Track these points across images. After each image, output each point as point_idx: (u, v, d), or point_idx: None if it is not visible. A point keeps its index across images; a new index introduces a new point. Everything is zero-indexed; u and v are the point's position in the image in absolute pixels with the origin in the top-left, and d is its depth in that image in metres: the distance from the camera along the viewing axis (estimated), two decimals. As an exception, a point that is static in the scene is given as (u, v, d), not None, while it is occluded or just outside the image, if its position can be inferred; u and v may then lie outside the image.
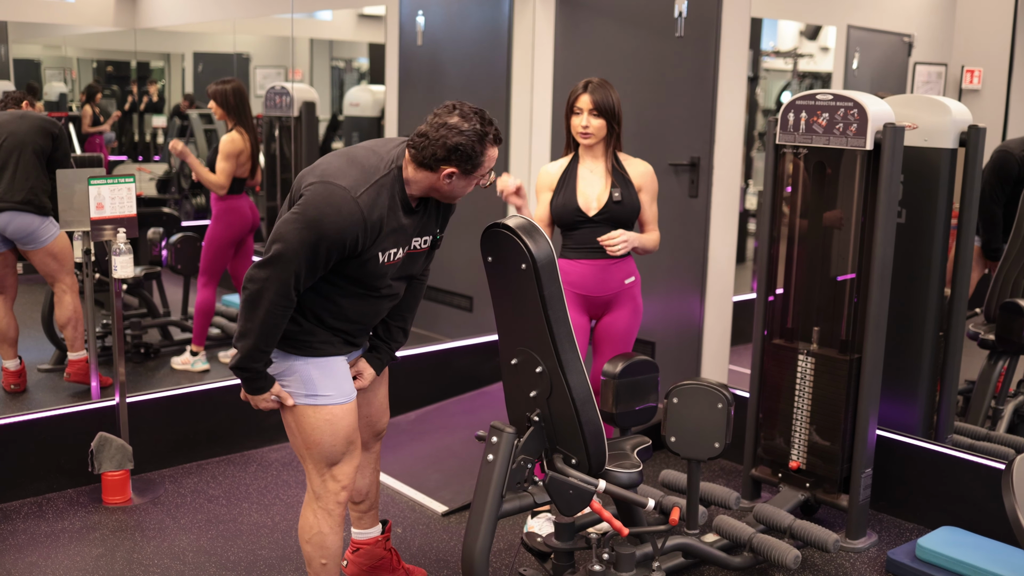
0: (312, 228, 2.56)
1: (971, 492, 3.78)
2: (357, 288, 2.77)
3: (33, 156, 4.65)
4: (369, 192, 2.61)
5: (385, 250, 2.70)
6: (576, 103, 3.64)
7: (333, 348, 2.83)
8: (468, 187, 2.73)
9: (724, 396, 3.27)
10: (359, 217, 2.58)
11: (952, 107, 3.84)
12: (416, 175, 2.68)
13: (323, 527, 2.90)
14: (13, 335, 4.86)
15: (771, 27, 6.11)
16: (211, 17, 7.20)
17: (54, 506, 4.01)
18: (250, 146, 5.23)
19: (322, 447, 2.84)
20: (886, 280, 3.65)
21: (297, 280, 2.60)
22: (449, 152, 2.61)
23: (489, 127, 2.65)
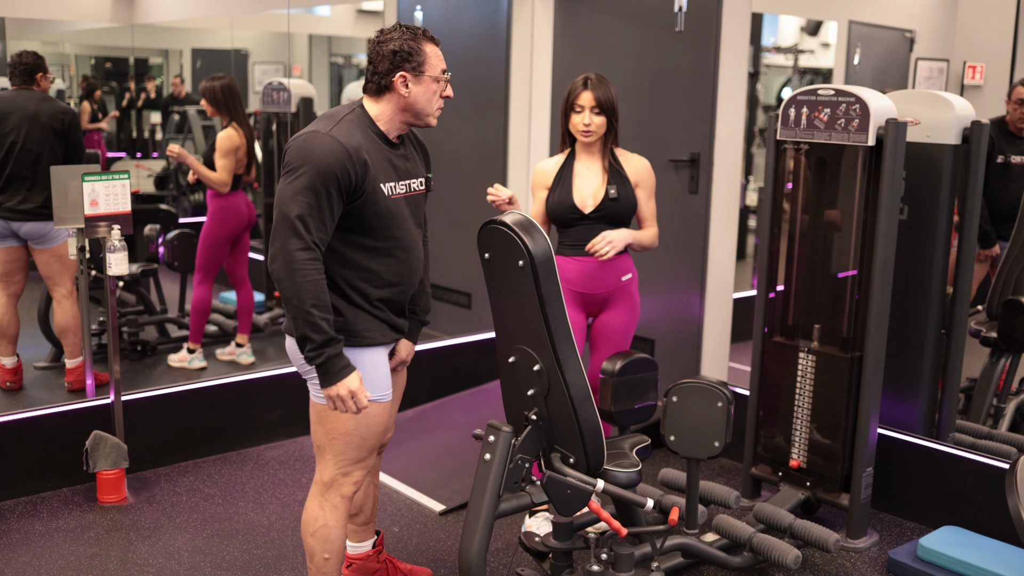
0: (301, 174, 2.58)
1: (973, 491, 3.75)
2: (382, 240, 2.74)
3: (51, 159, 4.64)
4: (339, 127, 2.65)
5: (384, 182, 2.71)
6: (577, 100, 3.59)
7: (379, 335, 2.79)
8: (430, 95, 2.74)
9: (724, 394, 3.24)
10: (338, 146, 2.60)
11: (955, 103, 3.80)
12: (379, 106, 2.75)
13: (329, 520, 2.86)
14: (14, 332, 4.84)
15: (771, 23, 6.09)
16: (208, 13, 7.18)
17: (48, 505, 3.98)
18: (246, 142, 5.21)
19: (349, 440, 2.80)
20: (888, 277, 3.62)
21: (306, 226, 2.57)
22: (390, 60, 2.69)
23: (416, 28, 2.73)
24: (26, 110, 4.63)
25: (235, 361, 5.45)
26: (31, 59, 4.74)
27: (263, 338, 5.85)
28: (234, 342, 5.52)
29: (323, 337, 2.58)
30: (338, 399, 2.65)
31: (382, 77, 2.71)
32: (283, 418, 4.70)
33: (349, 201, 2.65)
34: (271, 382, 4.68)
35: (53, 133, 4.67)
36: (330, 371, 2.62)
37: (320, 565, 2.89)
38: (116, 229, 3.97)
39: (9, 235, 4.68)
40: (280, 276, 2.59)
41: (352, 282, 2.74)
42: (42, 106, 4.67)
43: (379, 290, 2.78)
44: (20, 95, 4.70)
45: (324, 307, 2.59)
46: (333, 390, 2.64)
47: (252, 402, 4.64)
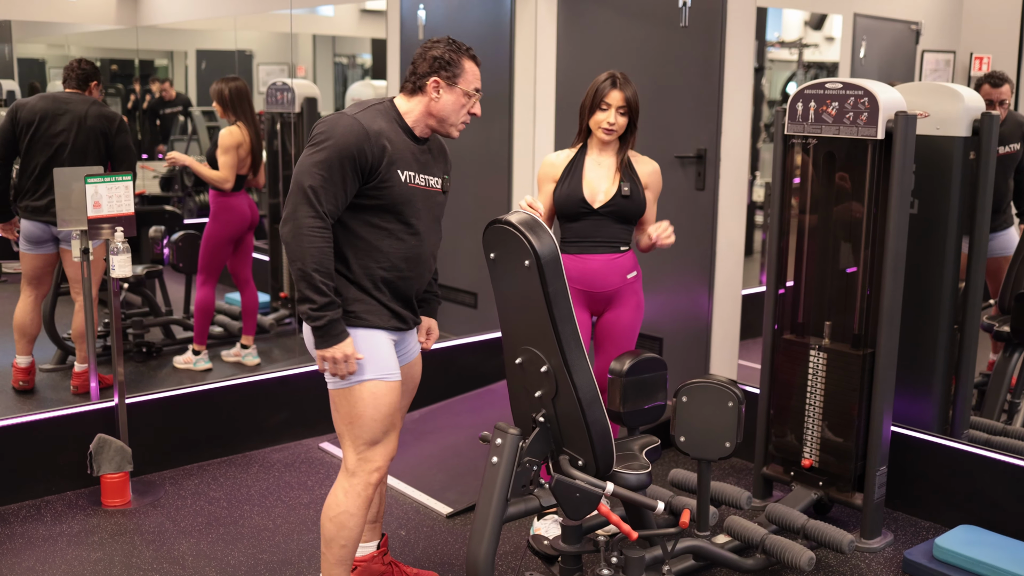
0: (320, 147, 2.73)
1: (989, 489, 3.70)
2: (393, 223, 2.84)
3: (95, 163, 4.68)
4: (365, 112, 2.82)
5: (403, 169, 2.82)
6: (605, 98, 3.53)
7: (377, 319, 2.86)
8: (458, 106, 2.90)
9: (734, 394, 3.19)
10: (359, 127, 2.74)
11: (964, 94, 3.75)
12: (410, 104, 2.91)
13: (350, 506, 2.89)
14: (34, 332, 4.88)
15: (776, 17, 6.04)
16: (211, 13, 7.15)
17: (52, 509, 3.95)
18: (250, 141, 5.19)
19: (363, 422, 2.86)
20: (899, 272, 3.57)
21: (318, 197, 2.70)
22: (430, 64, 2.86)
23: (463, 45, 2.92)
24: (76, 112, 4.69)
25: (240, 362, 5.42)
26: (88, 67, 4.85)
27: (269, 339, 5.82)
28: (239, 343, 5.49)
29: (324, 299, 2.71)
30: (332, 360, 2.76)
31: (419, 78, 2.88)
32: (289, 420, 4.66)
33: (365, 181, 2.77)
34: (277, 383, 4.65)
35: (99, 136, 4.72)
36: (328, 333, 2.74)
37: (336, 552, 2.92)
38: (119, 231, 3.94)
39: (48, 240, 4.71)
40: (288, 240, 2.72)
41: (358, 260, 2.83)
42: (91, 109, 4.73)
43: (385, 272, 2.85)
44: (73, 97, 4.75)
45: (327, 273, 2.72)
46: (328, 352, 2.75)
47: (257, 404, 4.60)
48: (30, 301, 4.83)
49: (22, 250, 4.76)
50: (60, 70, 6.96)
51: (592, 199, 3.56)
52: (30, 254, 4.75)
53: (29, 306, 4.83)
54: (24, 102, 4.68)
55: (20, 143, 4.65)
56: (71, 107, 4.69)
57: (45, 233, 4.68)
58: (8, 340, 4.96)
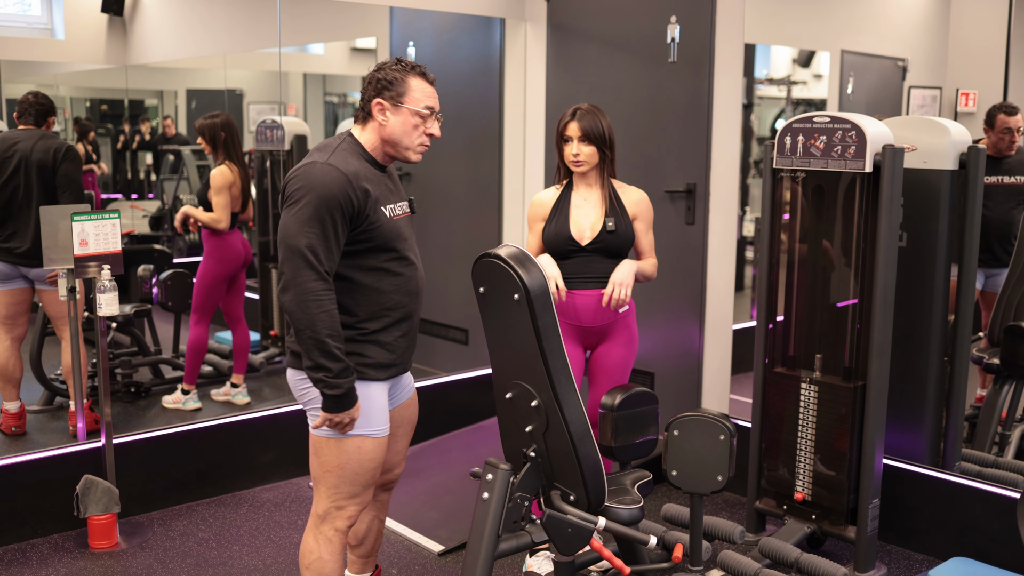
0: (303, 203, 2.60)
1: (982, 521, 3.68)
2: (389, 261, 2.76)
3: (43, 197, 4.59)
4: (335, 156, 2.69)
5: (385, 204, 2.75)
6: (565, 131, 3.57)
7: (375, 372, 2.77)
8: (409, 127, 2.75)
9: (726, 427, 3.17)
10: (338, 173, 2.63)
11: (951, 128, 3.78)
12: (365, 133, 2.79)
13: (323, 553, 2.85)
14: (18, 375, 4.80)
15: (764, 55, 6.10)
16: (200, 52, 7.18)
17: (38, 552, 3.90)
18: (240, 179, 5.19)
19: (345, 475, 2.80)
20: (889, 305, 3.58)
21: (317, 256, 2.58)
22: (374, 86, 2.74)
23: (409, 63, 2.77)
24: (24, 150, 4.60)
25: (230, 401, 5.39)
26: (47, 101, 4.74)
27: (259, 378, 5.79)
28: (229, 382, 5.46)
29: (340, 366, 2.61)
30: (339, 425, 2.68)
31: (365, 104, 2.77)
32: (279, 459, 4.63)
33: (354, 226, 2.67)
34: (266, 422, 4.62)
35: (44, 169, 4.60)
36: (344, 400, 2.65)
37: None
38: (106, 269, 3.92)
39: (17, 276, 4.65)
40: (292, 308, 2.60)
41: (363, 307, 2.75)
42: (37, 144, 4.61)
43: (391, 311, 2.78)
44: (21, 135, 4.66)
45: (339, 336, 2.62)
46: (337, 416, 2.67)
47: (247, 443, 4.57)
48: (7, 344, 4.72)
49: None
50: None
51: (580, 237, 3.56)
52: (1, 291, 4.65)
53: (8, 350, 4.72)
54: None
55: None
56: (20, 147, 4.59)
57: (14, 271, 4.62)
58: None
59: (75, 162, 4.69)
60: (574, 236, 3.56)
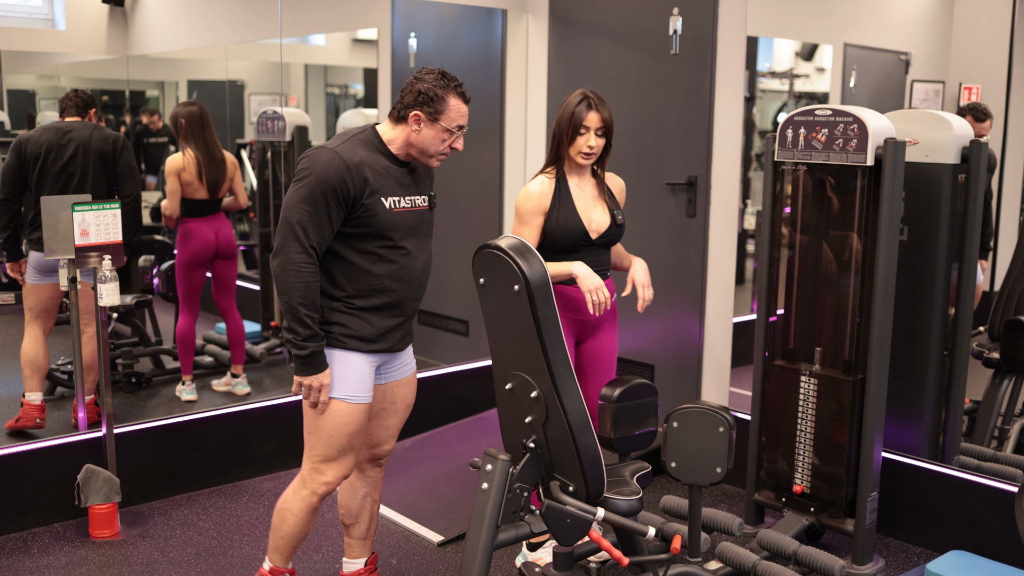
0: (303, 183, 2.81)
1: (980, 515, 3.69)
2: (384, 248, 2.91)
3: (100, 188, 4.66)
4: (345, 144, 2.89)
5: (386, 196, 2.90)
6: (584, 121, 3.42)
7: (360, 344, 2.94)
8: (438, 140, 2.93)
9: (725, 419, 3.18)
10: (339, 160, 2.82)
11: (953, 122, 3.78)
12: (394, 132, 2.95)
13: (294, 507, 3.05)
14: (46, 367, 4.80)
15: (767, 48, 6.08)
16: (201, 43, 7.17)
17: (39, 541, 3.91)
18: (196, 166, 5.12)
19: (320, 436, 2.98)
20: (889, 298, 3.58)
21: (305, 232, 2.79)
22: (415, 97, 2.89)
23: (452, 80, 2.93)
24: (80, 140, 4.67)
25: (231, 392, 5.40)
26: (86, 95, 4.86)
27: (260, 368, 5.80)
28: (230, 372, 5.47)
29: (308, 332, 2.84)
30: (308, 388, 2.89)
31: (403, 109, 2.93)
32: (279, 449, 4.63)
33: (349, 211, 2.85)
34: (266, 413, 4.62)
35: (104, 159, 4.71)
36: (310, 363, 2.87)
37: (274, 540, 3.12)
38: (107, 259, 3.93)
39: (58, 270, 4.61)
40: (277, 273, 2.84)
41: (352, 284, 2.92)
42: (94, 134, 4.71)
43: (379, 292, 2.94)
44: (75, 125, 4.73)
45: (312, 306, 2.84)
46: (307, 379, 2.88)
47: (247, 433, 4.58)
48: (39, 335, 4.73)
49: (31, 282, 4.67)
50: (51, 101, 6.98)
51: (591, 230, 3.50)
52: (40, 284, 4.66)
53: (39, 341, 4.73)
54: (28, 136, 4.64)
55: (29, 178, 4.61)
56: (74, 135, 4.68)
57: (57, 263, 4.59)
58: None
59: (131, 152, 4.87)
60: (587, 230, 3.49)
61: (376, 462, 3.24)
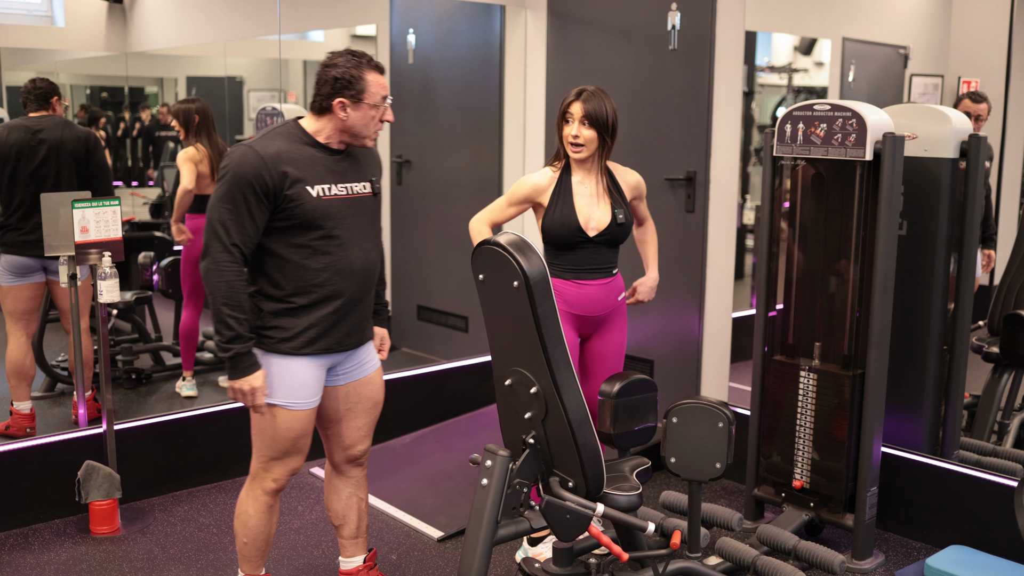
0: (222, 181, 2.80)
1: (980, 510, 3.69)
2: (317, 238, 2.86)
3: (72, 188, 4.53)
4: (263, 139, 2.85)
5: (312, 184, 2.84)
6: (567, 110, 3.49)
7: (297, 346, 2.89)
8: (368, 119, 2.89)
9: (725, 415, 3.19)
10: (255, 154, 2.78)
11: (952, 116, 3.77)
12: (319, 124, 2.91)
13: (249, 507, 3.06)
14: (32, 374, 4.70)
15: (765, 42, 6.08)
16: (200, 40, 7.17)
17: (40, 537, 3.92)
18: (208, 160, 5.14)
19: (264, 439, 2.99)
20: (888, 293, 3.58)
21: (226, 230, 2.77)
22: (332, 85, 2.84)
23: (362, 56, 2.88)
24: (52, 140, 4.53)
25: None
26: (44, 84, 4.67)
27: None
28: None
29: (232, 334, 2.80)
30: (239, 392, 2.85)
31: (323, 99, 2.87)
32: (279, 445, 4.63)
33: (274, 204, 2.81)
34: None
35: (77, 160, 4.59)
36: (236, 366, 2.82)
37: (240, 548, 3.11)
38: (107, 256, 3.93)
39: (37, 270, 4.56)
40: (203, 274, 2.82)
41: (289, 282, 2.88)
42: (65, 133, 4.58)
43: (318, 288, 2.88)
44: (44, 122, 4.58)
45: (236, 306, 2.80)
46: (237, 383, 2.84)
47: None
48: (23, 340, 4.61)
49: (5, 284, 4.55)
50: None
51: (587, 228, 3.51)
52: (17, 286, 4.55)
53: (23, 347, 4.61)
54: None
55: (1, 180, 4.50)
56: (46, 135, 4.52)
57: (36, 263, 4.53)
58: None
59: (103, 151, 4.76)
60: (583, 227, 3.49)
61: (355, 462, 3.21)
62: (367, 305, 3.05)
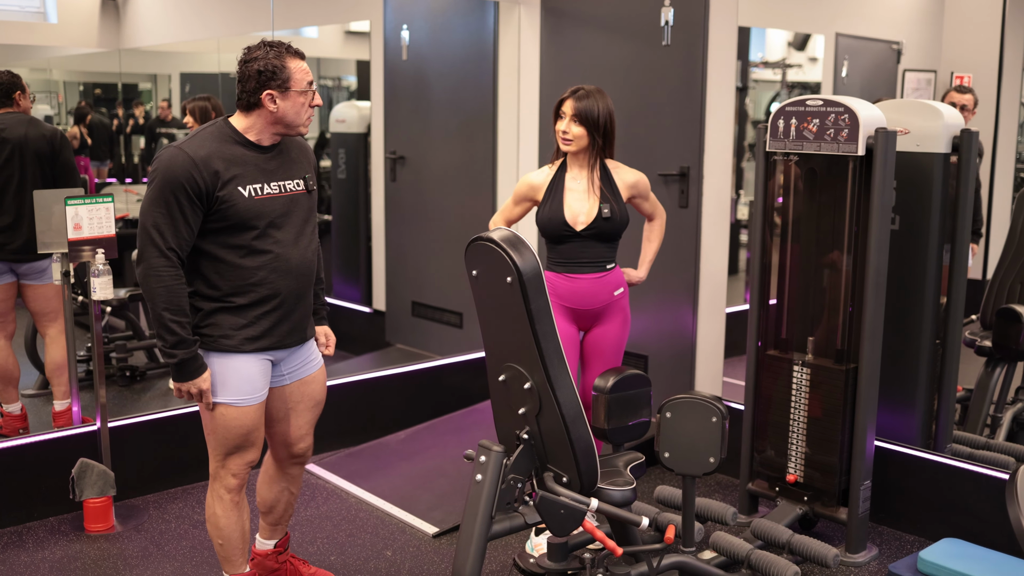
0: (153, 185, 2.77)
1: (973, 502, 3.71)
2: (253, 238, 2.85)
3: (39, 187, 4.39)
4: (193, 140, 2.83)
5: (244, 184, 2.84)
6: (561, 106, 3.58)
7: (235, 343, 2.89)
8: (298, 107, 2.88)
9: (718, 409, 3.19)
10: (185, 157, 2.76)
11: (944, 111, 3.78)
12: (248, 120, 2.89)
13: (216, 509, 3.07)
14: (16, 375, 4.62)
15: (759, 38, 6.09)
16: (193, 36, 7.16)
17: (34, 535, 3.92)
18: None
19: (216, 436, 3.00)
20: (881, 288, 3.59)
21: (162, 235, 2.75)
22: (257, 79, 2.82)
23: (279, 45, 2.87)
24: (15, 139, 4.40)
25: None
26: (6, 77, 4.50)
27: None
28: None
29: (175, 339, 2.79)
30: (187, 394, 2.88)
31: (250, 95, 2.85)
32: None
33: (207, 206, 2.80)
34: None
35: (43, 159, 4.45)
36: (182, 370, 2.83)
37: (217, 550, 3.13)
38: (100, 253, 3.92)
39: (6, 272, 4.47)
40: (140, 280, 2.81)
41: (226, 282, 2.88)
42: (30, 132, 4.43)
43: (254, 287, 2.88)
44: (6, 120, 4.44)
45: (177, 310, 2.79)
46: (184, 385, 2.87)
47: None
48: (1, 343, 4.54)
49: None
50: (43, 94, 6.95)
51: (574, 222, 3.55)
52: None
53: (3, 349, 4.54)
54: None
55: None
56: (8, 134, 4.38)
57: (2, 266, 4.43)
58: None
59: (71, 150, 4.61)
60: (568, 221, 3.55)
61: (296, 460, 3.26)
62: (307, 303, 3.06)
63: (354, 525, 4.03)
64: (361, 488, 4.36)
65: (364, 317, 6.26)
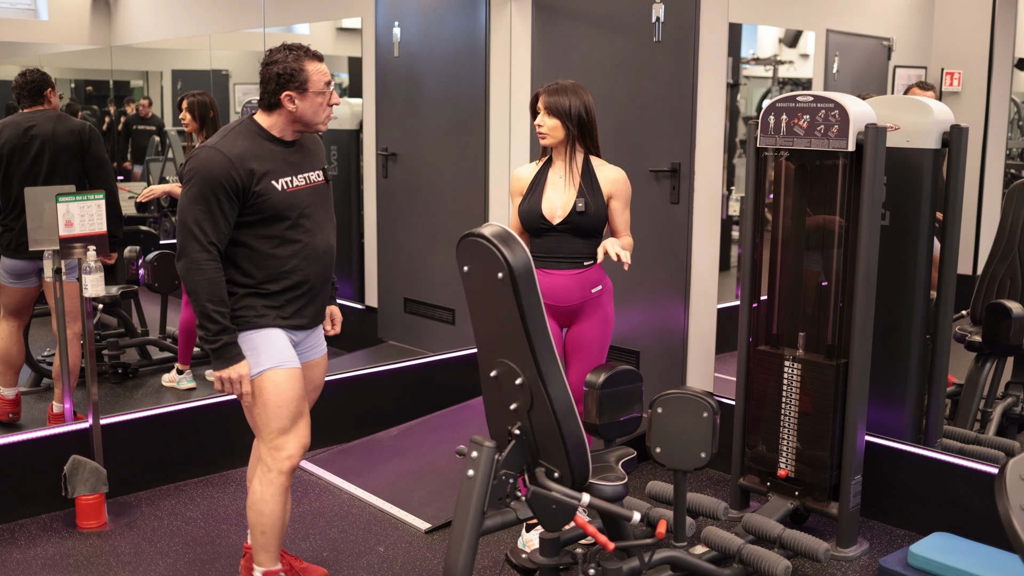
0: (192, 184, 2.92)
1: (963, 497, 3.72)
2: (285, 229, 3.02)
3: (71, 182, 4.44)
4: (225, 139, 2.99)
5: (277, 178, 3.00)
6: (535, 103, 3.65)
7: (269, 320, 3.04)
8: (316, 107, 3.04)
9: (709, 405, 3.20)
10: (221, 156, 2.92)
11: (934, 107, 3.79)
12: (271, 119, 3.05)
13: (265, 494, 3.11)
14: (20, 362, 4.76)
15: (751, 34, 6.10)
16: (184, 33, 7.15)
17: (26, 532, 3.91)
18: None
19: (269, 410, 3.05)
20: (871, 283, 3.60)
21: (203, 230, 2.90)
22: (277, 81, 2.98)
23: (298, 48, 3.02)
24: (44, 135, 4.45)
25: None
26: (36, 76, 4.57)
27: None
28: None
29: (218, 327, 2.94)
30: (227, 381, 2.99)
31: (271, 96, 3.02)
32: (266, 439, 4.63)
33: (243, 201, 2.95)
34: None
35: (72, 154, 4.52)
36: (224, 355, 2.96)
37: (258, 538, 3.15)
38: (91, 250, 3.92)
39: (32, 273, 4.56)
40: (182, 274, 2.95)
41: (260, 270, 3.02)
42: (58, 127, 4.49)
43: (288, 274, 3.04)
44: (36, 117, 4.50)
45: (219, 301, 2.94)
46: (224, 372, 2.98)
47: (234, 423, 4.54)
48: (14, 329, 4.68)
49: (5, 284, 4.61)
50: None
51: (551, 215, 3.59)
52: (13, 288, 4.60)
53: (13, 336, 4.68)
54: None
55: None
56: (37, 130, 4.46)
57: (31, 266, 4.52)
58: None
59: (101, 142, 4.66)
60: (545, 215, 3.59)
61: None
62: (328, 286, 3.23)
63: (346, 521, 4.03)
64: (353, 484, 4.37)
65: (356, 313, 6.26)
